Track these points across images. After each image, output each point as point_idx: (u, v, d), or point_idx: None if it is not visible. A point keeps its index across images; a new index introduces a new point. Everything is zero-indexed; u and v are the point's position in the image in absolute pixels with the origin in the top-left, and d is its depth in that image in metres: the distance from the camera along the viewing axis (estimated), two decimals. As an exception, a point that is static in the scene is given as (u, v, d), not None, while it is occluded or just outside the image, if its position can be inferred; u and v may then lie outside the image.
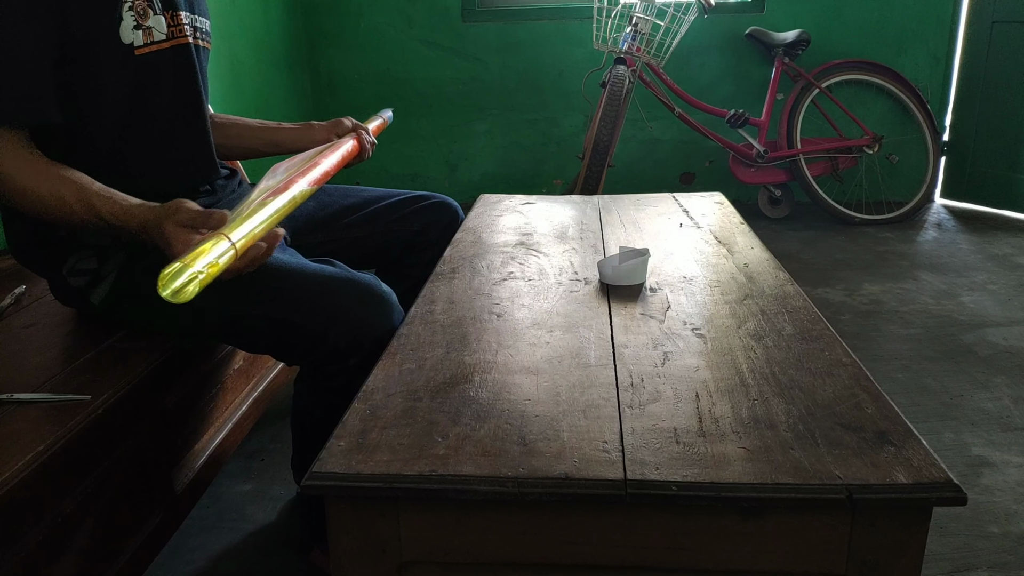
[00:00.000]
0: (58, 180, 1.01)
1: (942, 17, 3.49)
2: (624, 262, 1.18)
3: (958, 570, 1.29)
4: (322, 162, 1.21)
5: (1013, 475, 1.54)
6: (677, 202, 1.76)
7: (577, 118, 3.72)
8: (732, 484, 0.68)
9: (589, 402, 0.83)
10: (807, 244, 3.14)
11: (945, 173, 3.66)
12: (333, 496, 0.72)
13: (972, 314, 2.38)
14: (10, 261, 1.47)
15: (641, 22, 3.04)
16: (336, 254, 1.34)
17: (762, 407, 0.81)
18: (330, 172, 1.24)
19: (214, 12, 2.70)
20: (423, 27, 3.65)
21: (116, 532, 1.01)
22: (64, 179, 1.01)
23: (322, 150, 1.27)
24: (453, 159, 3.85)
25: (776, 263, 1.29)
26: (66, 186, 1.01)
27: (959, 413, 1.79)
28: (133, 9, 1.08)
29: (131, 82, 1.10)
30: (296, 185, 1.06)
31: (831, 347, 0.95)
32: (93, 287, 1.14)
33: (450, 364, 0.92)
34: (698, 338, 0.99)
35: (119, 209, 1.00)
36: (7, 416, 0.91)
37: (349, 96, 3.74)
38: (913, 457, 0.71)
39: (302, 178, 1.09)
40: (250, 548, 1.39)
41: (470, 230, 1.53)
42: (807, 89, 3.36)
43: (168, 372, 1.14)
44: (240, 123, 1.46)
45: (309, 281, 1.10)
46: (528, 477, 0.70)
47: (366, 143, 1.43)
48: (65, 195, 1.00)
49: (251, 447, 1.70)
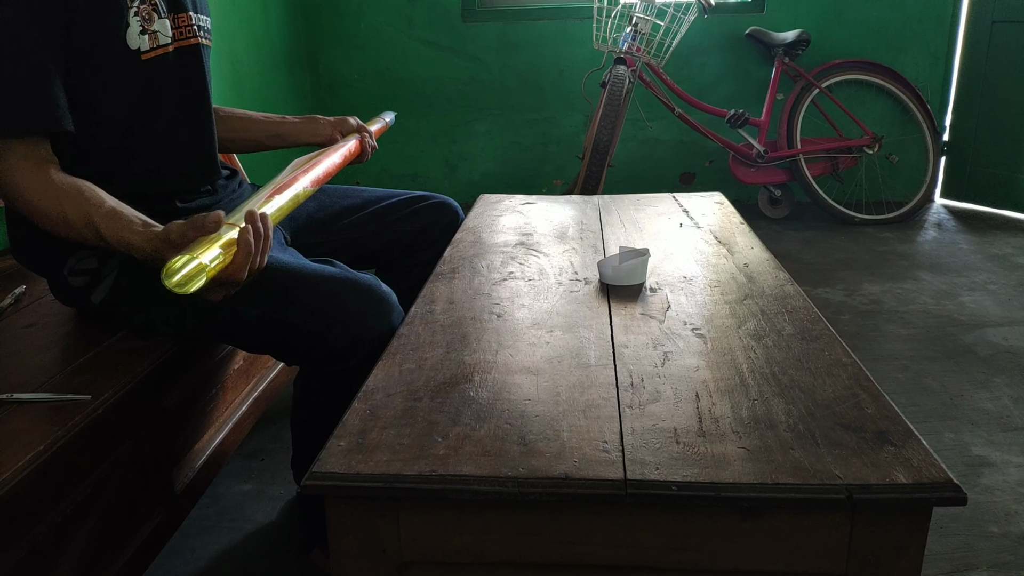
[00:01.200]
0: (65, 199, 0.99)
1: (942, 17, 3.49)
2: (624, 262, 1.18)
3: (958, 570, 1.29)
4: (323, 161, 1.21)
5: (1013, 475, 1.54)
6: (677, 202, 1.76)
7: (577, 118, 3.72)
8: (732, 484, 0.68)
9: (589, 402, 0.83)
10: (807, 244, 3.14)
11: (945, 173, 3.66)
12: (333, 496, 0.72)
13: (972, 314, 2.38)
14: (10, 261, 1.47)
15: (641, 22, 3.04)
16: (336, 254, 1.34)
17: (762, 407, 0.81)
18: (331, 172, 1.24)
19: (214, 12, 2.70)
20: (423, 27, 3.65)
21: (116, 532, 1.01)
22: (71, 199, 0.99)
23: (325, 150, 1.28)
24: (453, 159, 3.85)
25: (776, 263, 1.29)
26: (72, 204, 0.99)
27: (959, 413, 1.79)
28: (139, 14, 1.08)
29: (137, 86, 1.11)
30: (298, 182, 1.06)
31: (831, 347, 0.95)
32: (93, 287, 1.14)
33: (450, 364, 0.92)
34: (698, 338, 0.99)
35: (119, 236, 0.97)
36: (7, 416, 0.91)
37: (349, 96, 3.74)
38: (913, 457, 0.71)
39: (304, 176, 1.09)
40: (250, 548, 1.39)
41: (470, 230, 1.53)
42: (807, 89, 3.36)
43: (168, 372, 1.14)
44: (244, 116, 1.46)
45: (309, 281, 1.10)
46: (528, 477, 0.70)
47: (367, 146, 1.43)
48: (69, 214, 0.99)
49: (251, 447, 1.70)
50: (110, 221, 0.98)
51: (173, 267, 0.83)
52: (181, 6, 1.16)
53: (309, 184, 1.11)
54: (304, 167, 1.13)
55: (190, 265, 0.84)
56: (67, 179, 1.02)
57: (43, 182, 1.00)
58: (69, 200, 1.00)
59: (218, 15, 2.76)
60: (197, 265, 0.85)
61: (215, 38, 1.51)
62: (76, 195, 1.00)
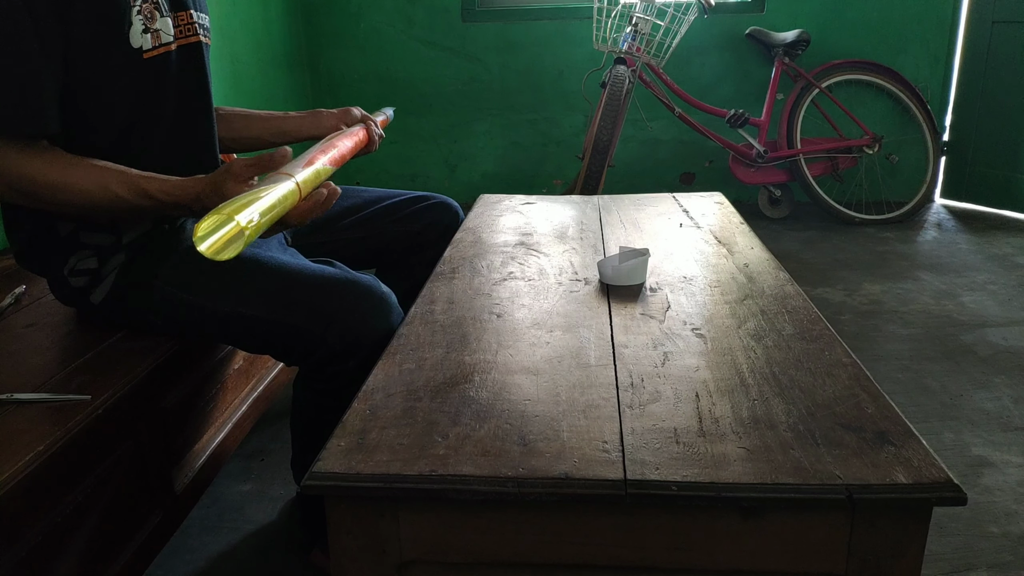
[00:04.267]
0: (98, 170, 1.02)
1: (942, 17, 3.49)
2: (624, 262, 1.18)
3: (958, 570, 1.29)
4: (339, 143, 1.20)
5: (1013, 475, 1.54)
6: (677, 202, 1.76)
7: (577, 118, 3.72)
8: (732, 484, 0.68)
9: (589, 402, 0.83)
10: (807, 244, 3.14)
11: (945, 173, 3.66)
12: (333, 496, 0.72)
13: (972, 314, 2.38)
14: (10, 261, 1.47)
15: (641, 22, 3.04)
16: (336, 255, 1.34)
17: (762, 407, 0.81)
18: (345, 156, 1.22)
19: (214, 12, 2.70)
20: (423, 27, 3.65)
21: (116, 532, 1.01)
22: (103, 168, 1.02)
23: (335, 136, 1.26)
24: (453, 159, 3.85)
25: (776, 263, 1.29)
26: (108, 175, 1.02)
27: (959, 413, 1.79)
28: (141, 13, 1.08)
29: (139, 85, 1.10)
30: (319, 161, 1.04)
31: (831, 347, 0.95)
32: (93, 287, 1.14)
33: (450, 364, 0.92)
34: (698, 338, 0.99)
35: (171, 186, 1.01)
36: (7, 416, 0.91)
37: (349, 96, 3.74)
38: (913, 457, 0.71)
39: (323, 155, 1.08)
40: (250, 548, 1.39)
41: (470, 230, 1.53)
42: (807, 89, 3.36)
43: (168, 372, 1.14)
44: (245, 114, 1.46)
45: (309, 282, 1.10)
46: (528, 477, 0.70)
47: (375, 134, 1.43)
48: (109, 182, 1.01)
49: (251, 447, 1.70)
50: (149, 179, 1.02)
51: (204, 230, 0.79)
52: (182, 4, 1.16)
53: (328, 162, 1.09)
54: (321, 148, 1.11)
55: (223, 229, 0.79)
56: (84, 158, 1.04)
57: (64, 161, 1.02)
58: (102, 169, 1.02)
59: (218, 15, 2.76)
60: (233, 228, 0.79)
61: (215, 38, 1.51)
62: (106, 166, 1.03)
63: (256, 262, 1.11)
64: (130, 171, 1.03)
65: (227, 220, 0.80)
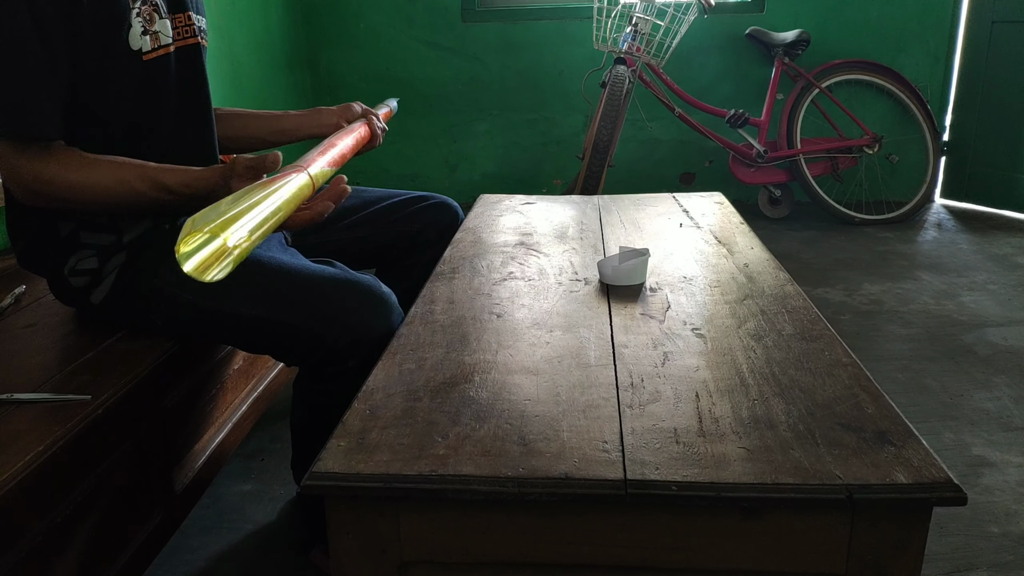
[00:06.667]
0: (116, 166, 1.03)
1: (942, 17, 3.49)
2: (624, 262, 1.18)
3: (958, 570, 1.29)
4: (338, 143, 1.19)
5: (1013, 475, 1.54)
6: (677, 202, 1.76)
7: (577, 118, 3.72)
8: (732, 484, 0.68)
9: (589, 402, 0.83)
10: (807, 244, 3.14)
11: (945, 173, 3.66)
12: (333, 496, 0.72)
13: (972, 314, 2.38)
14: (10, 261, 1.47)
15: (641, 22, 3.04)
16: (336, 255, 1.34)
17: (762, 407, 0.81)
18: (346, 155, 1.21)
19: (214, 12, 2.70)
20: (423, 27, 3.65)
21: (116, 532, 1.01)
22: (121, 164, 1.04)
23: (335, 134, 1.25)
24: (453, 159, 3.85)
25: (776, 263, 1.29)
26: (126, 170, 1.03)
27: (959, 413, 1.79)
28: (140, 15, 1.08)
29: (139, 87, 1.11)
30: (315, 164, 1.03)
31: (831, 347, 0.95)
32: (93, 287, 1.14)
33: (450, 364, 0.92)
34: (698, 338, 0.99)
35: (191, 177, 1.03)
36: (7, 416, 0.91)
37: (349, 96, 3.72)
38: (913, 457, 0.71)
39: (321, 157, 1.07)
40: (250, 548, 1.39)
41: (470, 230, 1.53)
42: (807, 89, 3.36)
43: (168, 372, 1.14)
44: (244, 114, 1.46)
45: (309, 282, 1.10)
46: (528, 477, 0.70)
47: (377, 129, 1.42)
48: (128, 177, 1.03)
49: (251, 447, 1.70)
50: (167, 172, 1.04)
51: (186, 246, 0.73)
52: (181, 6, 1.16)
53: (326, 165, 1.08)
54: (320, 150, 1.10)
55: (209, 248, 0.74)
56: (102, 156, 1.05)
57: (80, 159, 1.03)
58: (118, 165, 1.03)
59: (218, 15, 2.75)
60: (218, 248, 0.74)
61: (215, 38, 1.51)
62: (124, 162, 1.04)
63: (256, 262, 1.11)
64: (148, 165, 1.05)
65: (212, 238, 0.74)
